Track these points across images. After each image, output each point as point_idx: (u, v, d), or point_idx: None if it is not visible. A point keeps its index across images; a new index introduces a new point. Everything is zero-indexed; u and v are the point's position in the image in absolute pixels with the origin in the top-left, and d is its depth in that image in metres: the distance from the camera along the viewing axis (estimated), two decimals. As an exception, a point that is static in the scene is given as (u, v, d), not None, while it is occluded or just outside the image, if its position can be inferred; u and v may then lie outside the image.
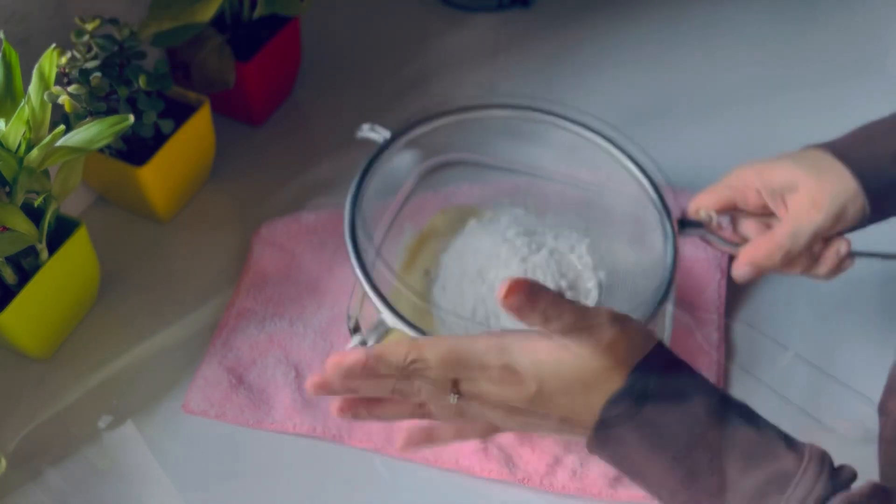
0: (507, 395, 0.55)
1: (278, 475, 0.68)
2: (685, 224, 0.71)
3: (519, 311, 0.52)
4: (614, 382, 0.54)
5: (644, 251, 0.72)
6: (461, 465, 0.67)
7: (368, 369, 0.55)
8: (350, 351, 0.55)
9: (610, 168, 0.73)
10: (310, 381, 0.56)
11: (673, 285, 0.67)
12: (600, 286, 0.73)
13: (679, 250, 0.69)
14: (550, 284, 0.72)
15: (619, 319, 0.54)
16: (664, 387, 0.54)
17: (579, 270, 0.73)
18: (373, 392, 0.57)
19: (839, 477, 0.51)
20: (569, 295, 0.72)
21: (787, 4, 1.02)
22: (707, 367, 0.72)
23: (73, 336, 0.74)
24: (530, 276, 0.72)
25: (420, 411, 0.58)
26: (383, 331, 0.63)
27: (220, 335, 0.74)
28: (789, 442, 0.53)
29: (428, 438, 0.60)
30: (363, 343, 0.63)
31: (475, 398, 0.56)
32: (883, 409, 0.58)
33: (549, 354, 0.54)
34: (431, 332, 0.63)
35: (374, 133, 0.73)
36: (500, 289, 0.51)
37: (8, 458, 0.67)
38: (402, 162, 0.74)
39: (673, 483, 0.53)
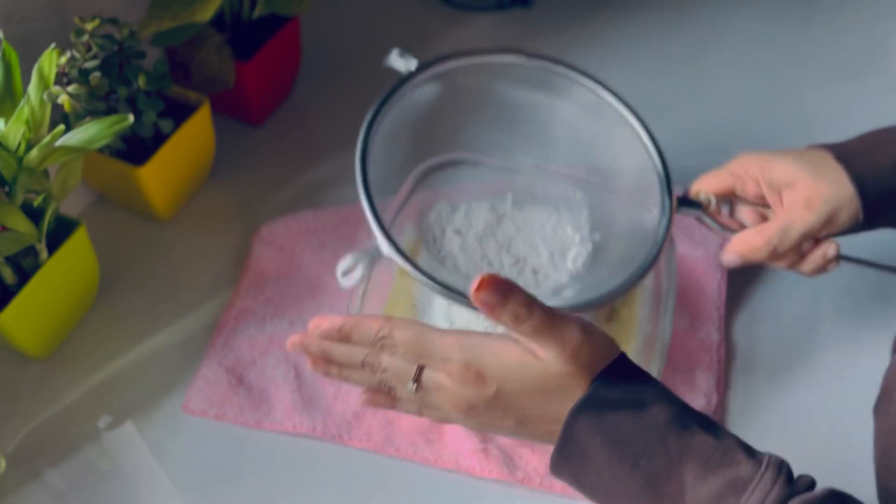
0: (465, 392, 0.56)
1: (278, 475, 0.68)
2: (684, 203, 0.71)
3: (489, 308, 0.53)
4: (576, 389, 0.54)
5: (641, 222, 0.72)
6: (461, 465, 0.67)
7: (343, 334, 0.58)
8: (330, 316, 0.59)
9: (622, 134, 0.73)
10: (290, 340, 0.59)
11: (659, 260, 0.68)
12: (593, 249, 0.74)
13: (672, 225, 0.69)
14: (542, 247, 0.73)
15: (586, 328, 0.55)
16: (626, 395, 0.54)
17: (572, 232, 0.74)
18: (344, 358, 0.59)
19: (797, 484, 0.52)
20: (558, 254, 0.73)
21: (788, 3, 1.02)
22: (707, 367, 0.72)
23: (73, 336, 0.74)
24: (522, 231, 0.73)
25: (386, 387, 0.60)
26: (376, 256, 0.63)
27: (219, 335, 0.74)
28: (748, 450, 0.53)
29: (389, 403, 0.61)
30: (355, 265, 0.63)
31: (436, 390, 0.57)
32: (878, 412, 0.58)
33: (514, 357, 0.55)
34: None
35: (402, 61, 0.72)
36: (473, 283, 0.52)
37: (8, 458, 0.67)
38: (422, 95, 0.72)
39: (633, 492, 0.53)
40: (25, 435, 0.69)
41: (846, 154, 0.67)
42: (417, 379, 0.57)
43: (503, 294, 0.53)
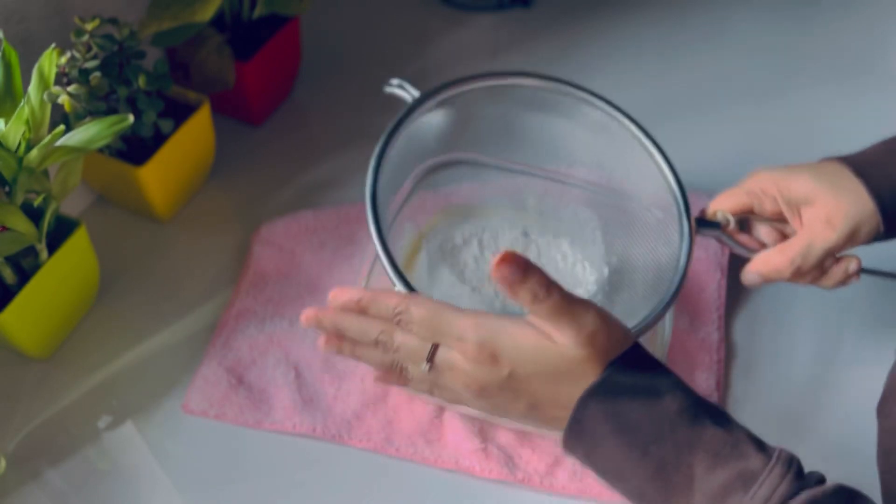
0: (478, 373, 0.56)
1: (278, 475, 0.68)
2: (702, 224, 0.71)
3: (509, 284, 0.54)
4: (589, 374, 0.55)
5: (658, 247, 0.72)
6: (461, 465, 0.67)
7: (361, 307, 0.59)
8: (349, 288, 0.60)
9: (634, 155, 0.73)
10: (304, 313, 0.60)
11: (683, 285, 0.67)
12: (609, 276, 0.74)
13: (693, 250, 0.69)
14: (552, 269, 0.73)
15: (603, 314, 0.56)
16: (638, 383, 0.54)
17: (590, 270, 0.74)
18: (357, 334, 0.60)
19: (807, 479, 0.52)
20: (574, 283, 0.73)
21: (789, 3, 1.02)
22: (707, 367, 0.72)
23: (73, 336, 0.74)
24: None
25: (398, 366, 0.60)
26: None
27: (219, 335, 0.74)
28: (759, 444, 0.54)
29: (401, 381, 0.61)
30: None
31: (448, 370, 0.58)
32: (881, 412, 0.58)
33: (530, 340, 0.55)
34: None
35: (403, 91, 0.72)
36: (493, 259, 0.53)
37: (8, 458, 0.67)
38: (431, 124, 0.72)
39: (642, 478, 0.53)
40: (25, 435, 0.69)
41: (863, 167, 0.67)
42: (431, 358, 0.58)
43: (523, 271, 0.53)
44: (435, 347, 0.58)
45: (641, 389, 0.54)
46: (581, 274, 0.75)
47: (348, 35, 0.99)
